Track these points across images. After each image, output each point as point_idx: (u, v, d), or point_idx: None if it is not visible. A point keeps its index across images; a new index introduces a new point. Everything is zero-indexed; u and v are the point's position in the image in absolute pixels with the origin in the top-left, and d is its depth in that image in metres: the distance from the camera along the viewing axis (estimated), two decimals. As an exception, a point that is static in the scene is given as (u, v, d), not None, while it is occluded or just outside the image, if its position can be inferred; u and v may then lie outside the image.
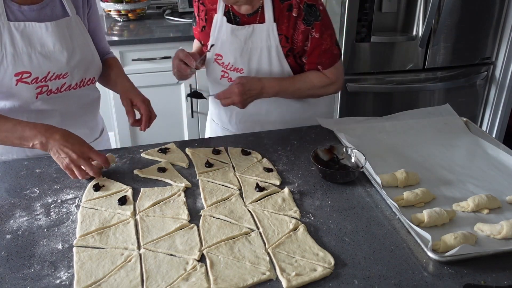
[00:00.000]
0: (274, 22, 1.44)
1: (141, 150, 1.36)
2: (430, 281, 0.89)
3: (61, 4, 1.34)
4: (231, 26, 1.48)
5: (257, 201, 1.12)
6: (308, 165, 1.28)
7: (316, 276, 0.89)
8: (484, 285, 0.88)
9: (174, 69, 1.52)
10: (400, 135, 1.44)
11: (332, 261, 0.92)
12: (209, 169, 1.25)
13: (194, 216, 1.07)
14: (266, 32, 1.45)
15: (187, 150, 1.36)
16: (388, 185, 1.17)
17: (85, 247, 0.97)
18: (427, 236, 0.96)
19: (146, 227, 1.03)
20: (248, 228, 1.03)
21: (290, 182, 1.21)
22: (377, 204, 1.12)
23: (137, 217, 1.07)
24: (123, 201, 1.11)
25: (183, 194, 1.15)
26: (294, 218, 1.06)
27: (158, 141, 1.42)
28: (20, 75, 1.27)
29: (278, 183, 1.20)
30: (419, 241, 0.97)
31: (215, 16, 1.52)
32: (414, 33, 2.57)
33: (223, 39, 1.51)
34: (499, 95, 2.91)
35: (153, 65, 2.55)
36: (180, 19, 2.79)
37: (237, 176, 1.23)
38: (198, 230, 1.02)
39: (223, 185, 1.19)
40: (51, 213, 1.08)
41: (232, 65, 1.53)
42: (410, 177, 1.19)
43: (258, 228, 1.03)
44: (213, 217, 1.06)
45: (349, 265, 0.92)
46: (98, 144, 1.51)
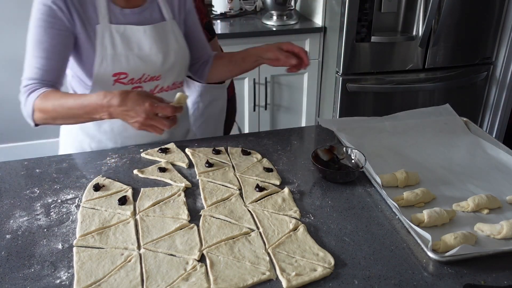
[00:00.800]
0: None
1: (141, 150, 1.36)
2: (430, 281, 0.89)
3: (158, 9, 1.36)
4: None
5: (257, 201, 1.12)
6: (308, 165, 1.28)
7: (316, 276, 0.89)
8: (484, 285, 0.88)
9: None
10: (400, 135, 1.44)
11: (332, 261, 0.92)
12: (209, 169, 1.25)
13: (194, 216, 1.07)
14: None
15: (187, 150, 1.36)
16: (388, 185, 1.17)
17: (85, 247, 0.97)
18: (427, 236, 0.96)
19: (146, 227, 1.03)
20: (248, 228, 1.03)
21: (290, 182, 1.21)
22: (377, 204, 1.12)
23: (137, 217, 1.07)
24: (123, 201, 1.11)
25: (183, 194, 1.15)
26: (294, 218, 1.06)
27: (158, 141, 1.42)
28: (118, 76, 1.30)
29: (278, 183, 1.20)
30: (419, 241, 0.97)
31: None
32: (414, 33, 2.57)
33: None
34: (499, 95, 2.91)
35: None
36: (180, 19, 2.79)
37: (237, 176, 1.23)
38: (198, 230, 1.02)
39: (223, 185, 1.19)
40: (51, 213, 1.08)
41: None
42: (410, 177, 1.19)
43: (258, 228, 1.03)
44: (213, 217, 1.06)
45: (349, 265, 0.92)
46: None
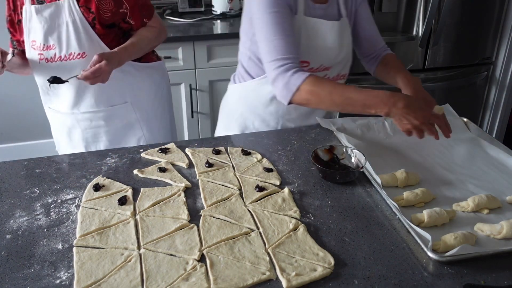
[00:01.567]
0: None
1: (141, 150, 1.36)
2: (430, 281, 0.89)
3: (337, 6, 1.47)
4: (35, 6, 1.53)
5: (257, 201, 1.12)
6: (308, 165, 1.28)
7: (316, 276, 0.89)
8: (484, 285, 0.88)
9: None
10: (400, 135, 1.44)
11: (332, 261, 0.92)
12: (209, 169, 1.25)
13: (194, 216, 1.07)
14: (68, 7, 1.52)
15: (187, 150, 1.36)
16: (388, 185, 1.17)
17: (85, 247, 0.97)
18: (427, 236, 0.96)
19: (146, 227, 1.03)
20: (248, 228, 1.03)
21: (290, 182, 1.21)
22: (377, 204, 1.12)
23: (137, 217, 1.07)
24: (123, 201, 1.11)
25: (183, 194, 1.15)
26: (294, 218, 1.06)
27: (158, 141, 1.42)
28: (301, 64, 1.38)
29: (278, 183, 1.20)
30: (419, 241, 0.97)
31: (24, 7, 1.57)
32: (414, 33, 2.57)
33: (34, 26, 1.56)
34: (499, 95, 2.91)
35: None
36: (180, 19, 2.79)
37: (237, 176, 1.23)
38: (198, 230, 1.02)
39: (223, 185, 1.19)
40: (51, 213, 1.08)
41: (44, 44, 1.56)
42: (410, 177, 1.19)
43: (258, 228, 1.03)
44: (213, 217, 1.06)
45: (349, 265, 0.92)
46: None
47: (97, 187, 1.16)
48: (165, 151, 1.35)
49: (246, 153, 1.33)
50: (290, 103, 1.33)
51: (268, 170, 1.25)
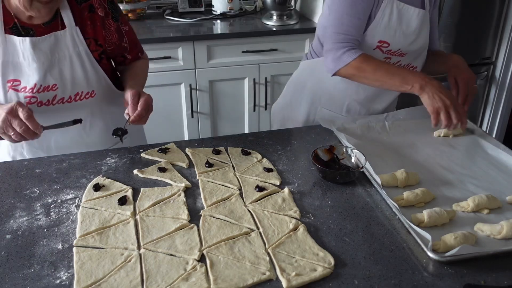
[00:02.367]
0: (76, 26, 1.32)
1: (141, 150, 1.36)
2: (430, 281, 0.89)
3: None
4: (31, 39, 1.26)
5: (257, 201, 1.12)
6: (308, 165, 1.28)
7: (316, 276, 0.89)
8: (484, 285, 0.88)
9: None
10: (400, 135, 1.45)
11: (332, 261, 0.92)
12: (209, 169, 1.25)
13: (194, 216, 1.07)
14: (71, 38, 1.32)
15: (187, 150, 1.36)
16: (388, 185, 1.17)
17: (85, 247, 0.97)
18: (427, 236, 0.96)
19: (146, 227, 1.03)
20: (248, 228, 1.03)
21: (290, 182, 1.21)
22: (377, 204, 1.12)
23: (137, 217, 1.07)
24: (123, 201, 1.11)
25: (183, 194, 1.15)
26: (294, 218, 1.06)
27: (158, 141, 1.42)
28: (381, 43, 1.47)
29: (278, 183, 1.20)
30: (419, 241, 0.97)
31: None
32: (414, 33, 2.57)
33: (19, 60, 1.28)
34: (499, 95, 2.91)
35: (153, 65, 2.54)
36: (180, 19, 2.79)
37: (237, 176, 1.23)
38: (198, 230, 1.02)
39: (223, 185, 1.19)
40: (51, 213, 1.08)
41: (41, 85, 1.30)
42: (410, 177, 1.19)
43: (258, 228, 1.03)
44: (213, 217, 1.06)
45: (349, 265, 0.92)
46: None
47: (97, 187, 1.16)
48: (165, 151, 1.35)
49: (246, 153, 1.33)
50: (334, 74, 1.44)
51: (268, 170, 1.25)
